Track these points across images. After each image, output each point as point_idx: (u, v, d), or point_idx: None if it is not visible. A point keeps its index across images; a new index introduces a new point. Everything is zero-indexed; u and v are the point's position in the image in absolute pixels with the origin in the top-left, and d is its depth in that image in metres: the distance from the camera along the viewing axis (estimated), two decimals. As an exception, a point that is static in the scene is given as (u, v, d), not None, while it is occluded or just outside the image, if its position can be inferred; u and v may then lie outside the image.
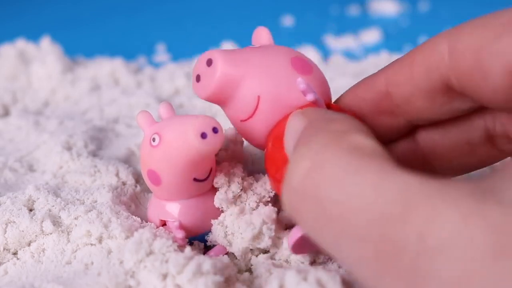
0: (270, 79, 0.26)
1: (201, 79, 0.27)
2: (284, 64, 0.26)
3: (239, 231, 0.28)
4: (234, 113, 0.27)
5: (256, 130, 0.26)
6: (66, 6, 0.70)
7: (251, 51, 0.27)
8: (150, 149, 0.28)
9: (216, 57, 0.26)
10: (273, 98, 0.26)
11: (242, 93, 0.26)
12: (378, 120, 0.27)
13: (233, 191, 0.29)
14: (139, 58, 0.57)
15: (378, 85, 0.26)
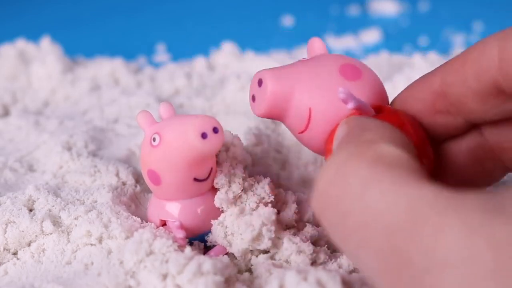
0: (319, 90, 0.26)
1: (255, 99, 0.28)
2: (333, 73, 0.27)
3: (238, 232, 0.28)
4: (292, 126, 0.28)
5: (313, 140, 0.27)
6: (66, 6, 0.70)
7: (300, 64, 0.28)
8: (150, 149, 0.28)
9: (265, 77, 0.27)
10: (324, 109, 0.26)
11: (294, 107, 0.27)
12: (435, 119, 0.27)
13: (233, 191, 0.29)
14: (139, 58, 0.57)
15: (434, 85, 0.26)
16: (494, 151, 0.28)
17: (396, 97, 0.28)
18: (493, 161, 0.28)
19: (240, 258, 0.29)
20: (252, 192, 0.29)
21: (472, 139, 0.28)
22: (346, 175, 0.20)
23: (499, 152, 0.27)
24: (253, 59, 0.52)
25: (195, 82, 0.48)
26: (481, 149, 0.28)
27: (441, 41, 0.59)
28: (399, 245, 0.18)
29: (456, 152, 0.28)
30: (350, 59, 0.28)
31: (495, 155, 0.28)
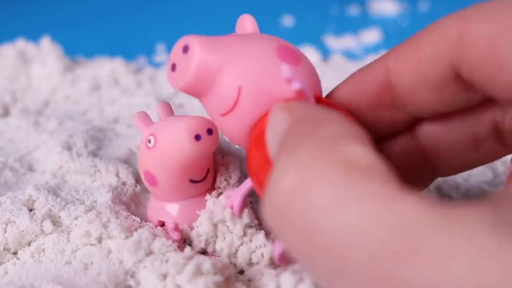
0: (253, 69, 0.23)
1: (176, 68, 0.24)
2: (269, 53, 0.23)
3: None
4: (213, 106, 0.24)
5: (237, 125, 0.23)
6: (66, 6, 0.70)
7: (233, 38, 0.25)
8: (146, 150, 0.28)
9: (193, 43, 0.23)
10: (256, 89, 0.23)
11: (221, 83, 0.23)
12: (377, 114, 0.24)
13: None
14: (139, 58, 0.57)
15: (378, 75, 0.24)
16: (426, 154, 0.25)
17: (334, 89, 0.25)
18: (424, 164, 0.25)
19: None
20: None
21: (405, 140, 0.25)
22: (312, 185, 0.17)
23: (432, 154, 0.26)
24: (253, 59, 0.52)
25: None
26: (413, 151, 0.25)
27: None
28: (394, 273, 0.15)
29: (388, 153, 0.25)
30: (286, 42, 0.25)
31: (427, 158, 0.25)
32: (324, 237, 0.16)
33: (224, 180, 0.30)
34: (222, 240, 0.28)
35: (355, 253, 0.16)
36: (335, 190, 0.16)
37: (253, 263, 0.28)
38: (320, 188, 0.17)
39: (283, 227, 0.18)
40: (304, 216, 0.17)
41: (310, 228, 0.17)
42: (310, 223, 0.17)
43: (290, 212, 0.17)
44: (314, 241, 0.17)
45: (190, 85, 0.23)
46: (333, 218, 0.16)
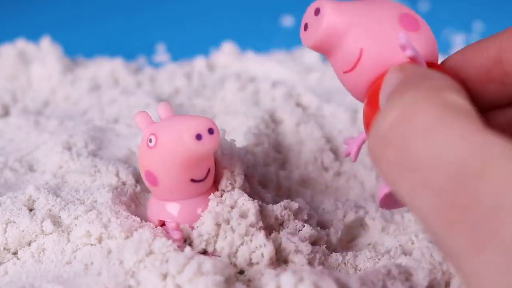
0: (375, 33, 0.26)
1: (308, 28, 0.27)
2: (391, 19, 0.26)
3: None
4: (338, 63, 0.27)
5: (357, 83, 0.26)
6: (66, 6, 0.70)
7: (360, 3, 0.27)
8: (147, 150, 0.28)
9: (324, 6, 0.26)
10: (376, 52, 0.25)
11: (346, 44, 0.26)
12: (486, 87, 0.26)
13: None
14: (139, 58, 0.57)
15: (491, 50, 0.25)
16: None
17: (449, 58, 0.27)
18: None
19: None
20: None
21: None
22: (415, 116, 0.20)
23: None
24: (253, 59, 0.52)
25: (195, 82, 0.48)
26: None
27: (441, 41, 0.59)
28: (467, 186, 0.18)
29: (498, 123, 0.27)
30: (409, 9, 0.27)
31: None
32: (417, 155, 0.19)
33: (230, 184, 0.30)
34: (223, 239, 0.28)
35: (440, 170, 0.19)
36: (432, 119, 0.19)
37: (253, 263, 0.28)
38: (421, 118, 0.20)
39: (383, 150, 0.21)
40: (404, 139, 0.20)
41: (406, 148, 0.20)
42: (407, 144, 0.20)
43: (393, 136, 0.20)
44: (408, 159, 0.20)
45: (319, 43, 0.26)
46: (426, 140, 0.19)
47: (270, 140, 0.38)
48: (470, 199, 0.18)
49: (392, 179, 0.21)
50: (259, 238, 0.28)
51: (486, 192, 0.17)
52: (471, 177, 0.18)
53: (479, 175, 0.18)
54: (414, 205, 0.20)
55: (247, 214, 0.28)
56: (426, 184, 0.19)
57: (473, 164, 0.18)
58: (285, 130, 0.40)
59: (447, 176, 0.18)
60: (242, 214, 0.28)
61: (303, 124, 0.40)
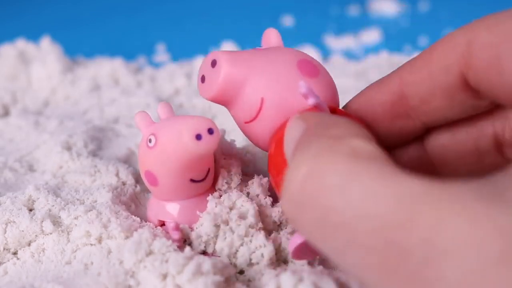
0: (275, 82, 0.25)
1: (205, 80, 0.27)
2: (290, 67, 0.26)
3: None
4: (239, 114, 0.27)
5: (260, 132, 0.26)
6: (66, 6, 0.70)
7: (257, 52, 0.27)
8: (147, 150, 0.28)
9: (220, 58, 0.26)
10: (277, 100, 0.25)
11: (246, 95, 0.26)
12: (391, 124, 0.26)
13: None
14: (139, 58, 0.57)
15: (392, 87, 0.26)
16: (433, 164, 0.27)
17: (351, 101, 0.27)
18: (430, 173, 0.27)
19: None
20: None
21: (414, 150, 0.27)
22: (322, 171, 0.19)
23: (438, 164, 0.27)
24: (253, 59, 0.52)
25: (195, 82, 0.48)
26: (421, 161, 0.27)
27: (441, 41, 0.59)
28: (395, 239, 0.17)
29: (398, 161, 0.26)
30: (307, 55, 0.27)
31: (434, 167, 0.27)
32: (336, 214, 0.18)
33: (226, 183, 0.30)
34: (222, 240, 0.28)
35: (362, 224, 0.18)
36: (341, 173, 0.19)
37: (253, 263, 0.28)
38: (329, 173, 0.19)
39: (300, 212, 0.20)
40: (317, 199, 0.19)
41: (323, 209, 0.19)
42: (322, 202, 0.19)
43: (304, 196, 0.19)
44: (327, 219, 0.19)
45: (218, 95, 0.26)
46: (340, 196, 0.18)
47: (270, 140, 0.38)
48: (400, 252, 0.17)
49: (316, 240, 0.20)
50: (259, 238, 0.28)
51: (414, 244, 0.17)
52: (395, 230, 0.17)
53: (404, 225, 0.17)
54: (345, 263, 0.19)
55: (246, 215, 0.28)
56: (354, 242, 0.18)
57: (397, 215, 0.17)
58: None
59: (373, 231, 0.18)
60: (241, 215, 0.28)
61: (303, 124, 0.40)
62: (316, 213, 0.19)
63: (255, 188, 0.30)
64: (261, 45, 0.29)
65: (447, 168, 0.27)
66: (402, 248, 0.17)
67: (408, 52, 0.56)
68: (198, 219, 0.29)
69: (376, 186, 0.18)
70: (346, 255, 0.19)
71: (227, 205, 0.29)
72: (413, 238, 0.17)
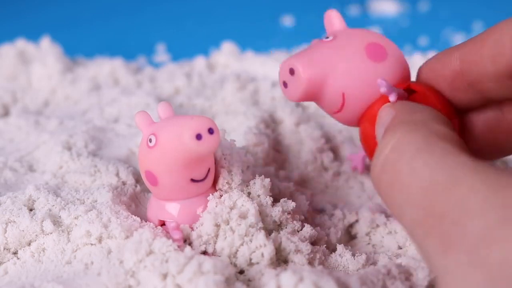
0: (350, 76, 0.28)
1: (288, 86, 0.29)
2: (360, 56, 0.28)
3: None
4: (326, 107, 0.29)
5: (348, 118, 0.29)
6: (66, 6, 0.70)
7: (326, 47, 0.29)
8: (147, 150, 0.28)
9: (297, 67, 0.28)
10: (356, 93, 0.28)
11: (327, 92, 0.28)
12: (455, 95, 0.28)
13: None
14: (139, 58, 0.57)
15: (453, 63, 0.28)
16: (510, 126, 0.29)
17: (421, 69, 0.30)
18: (507, 135, 0.29)
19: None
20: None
21: (490, 112, 0.29)
22: (403, 145, 0.23)
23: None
24: (253, 59, 0.52)
25: (195, 82, 0.48)
26: (497, 123, 0.29)
27: (441, 41, 0.59)
28: (437, 199, 0.21)
29: (474, 123, 0.30)
30: (374, 35, 0.29)
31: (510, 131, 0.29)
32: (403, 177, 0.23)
33: (226, 183, 0.30)
34: (222, 240, 0.28)
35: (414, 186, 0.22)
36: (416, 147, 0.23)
37: (253, 262, 0.28)
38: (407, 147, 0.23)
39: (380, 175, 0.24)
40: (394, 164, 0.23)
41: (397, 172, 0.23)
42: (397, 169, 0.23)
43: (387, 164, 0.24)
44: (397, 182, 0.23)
45: (303, 98, 0.29)
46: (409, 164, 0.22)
47: (270, 140, 0.38)
48: (439, 212, 0.21)
49: (387, 198, 0.24)
50: (259, 238, 0.28)
51: (452, 205, 0.20)
52: (439, 192, 0.21)
53: (445, 192, 0.21)
54: (402, 220, 0.23)
55: (247, 214, 0.28)
56: (408, 201, 0.22)
57: (442, 180, 0.21)
58: (285, 130, 0.40)
59: (422, 192, 0.22)
60: (241, 215, 0.28)
61: (303, 124, 0.40)
62: (390, 178, 0.23)
63: (256, 188, 0.30)
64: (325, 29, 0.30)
65: None
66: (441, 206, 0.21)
67: (408, 52, 0.56)
68: (199, 218, 0.29)
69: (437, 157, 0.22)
70: (403, 212, 0.22)
71: (228, 205, 0.29)
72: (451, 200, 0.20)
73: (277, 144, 0.39)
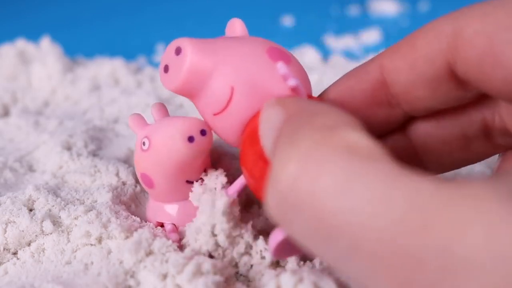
0: (245, 68, 0.23)
1: (169, 69, 0.24)
2: (260, 53, 0.24)
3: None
4: (206, 106, 0.24)
5: (230, 125, 0.24)
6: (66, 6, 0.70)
7: (224, 40, 0.25)
8: (141, 153, 0.28)
9: (185, 45, 0.24)
10: (249, 88, 0.23)
11: (214, 84, 0.23)
12: (372, 113, 0.25)
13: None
14: (139, 58, 0.57)
15: (373, 74, 0.24)
16: (417, 153, 0.26)
17: (327, 90, 0.26)
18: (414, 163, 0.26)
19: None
20: None
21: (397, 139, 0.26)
22: (317, 170, 0.17)
23: (422, 153, 0.26)
24: (253, 59, 0.52)
25: (195, 82, 0.48)
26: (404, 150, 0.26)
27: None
28: (408, 246, 0.15)
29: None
30: (275, 44, 0.25)
31: (417, 156, 0.26)
32: (336, 218, 0.16)
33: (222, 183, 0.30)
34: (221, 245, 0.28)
35: (368, 232, 0.16)
36: (341, 173, 0.17)
37: (253, 263, 0.28)
38: (325, 173, 0.17)
39: (289, 216, 0.18)
40: (312, 202, 0.17)
41: (320, 212, 0.17)
42: (319, 207, 0.17)
43: (296, 199, 0.17)
44: (325, 225, 0.17)
45: (183, 86, 0.24)
46: (343, 200, 0.16)
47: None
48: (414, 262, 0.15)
49: (312, 247, 0.18)
50: (259, 242, 0.27)
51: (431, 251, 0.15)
52: (409, 235, 0.15)
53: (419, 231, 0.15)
54: (348, 272, 0.17)
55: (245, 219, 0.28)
56: (358, 251, 0.16)
57: (409, 221, 0.16)
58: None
59: (381, 239, 0.16)
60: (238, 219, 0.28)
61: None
62: (311, 219, 0.17)
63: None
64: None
65: (432, 157, 0.26)
66: (416, 258, 0.15)
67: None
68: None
69: (382, 188, 0.16)
70: (349, 263, 0.17)
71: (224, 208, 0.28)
72: (429, 246, 0.15)
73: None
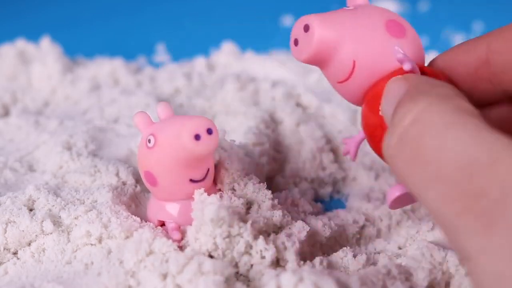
0: (365, 44, 0.27)
1: (299, 43, 0.28)
2: (379, 28, 0.27)
3: None
4: (332, 74, 0.28)
5: (352, 91, 0.28)
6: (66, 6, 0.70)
7: (346, 14, 0.28)
8: (146, 150, 0.28)
9: (313, 23, 0.27)
10: (368, 62, 0.27)
11: (338, 57, 0.27)
12: (475, 85, 0.27)
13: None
14: (139, 58, 0.57)
15: (479, 50, 0.27)
16: None
17: (437, 58, 0.28)
18: None
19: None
20: None
21: (504, 110, 0.28)
22: (430, 116, 0.22)
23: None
24: (253, 59, 0.52)
25: (195, 82, 0.48)
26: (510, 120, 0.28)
27: (441, 41, 0.59)
28: (476, 177, 0.20)
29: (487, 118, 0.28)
30: (394, 14, 0.28)
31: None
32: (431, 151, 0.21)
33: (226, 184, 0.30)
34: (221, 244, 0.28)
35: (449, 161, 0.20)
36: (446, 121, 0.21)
37: (253, 263, 0.28)
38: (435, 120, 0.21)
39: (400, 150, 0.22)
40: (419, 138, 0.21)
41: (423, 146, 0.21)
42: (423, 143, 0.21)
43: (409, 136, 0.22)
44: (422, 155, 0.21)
45: (311, 58, 0.27)
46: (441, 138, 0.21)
47: (270, 140, 0.38)
48: (478, 189, 0.19)
49: (406, 174, 0.22)
50: (259, 243, 0.27)
51: (493, 183, 0.19)
52: (479, 169, 0.20)
53: (486, 167, 0.19)
54: (427, 197, 0.21)
55: (247, 217, 0.28)
56: (438, 176, 0.21)
57: (482, 157, 0.20)
58: (285, 130, 0.40)
59: (458, 168, 0.20)
60: (241, 218, 0.28)
61: (303, 124, 0.40)
62: (413, 151, 0.21)
63: (255, 190, 0.30)
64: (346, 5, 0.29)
65: None
66: (481, 185, 0.19)
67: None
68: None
69: (470, 132, 0.20)
70: (429, 188, 0.21)
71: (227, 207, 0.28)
72: (491, 179, 0.19)
73: (277, 144, 0.39)
